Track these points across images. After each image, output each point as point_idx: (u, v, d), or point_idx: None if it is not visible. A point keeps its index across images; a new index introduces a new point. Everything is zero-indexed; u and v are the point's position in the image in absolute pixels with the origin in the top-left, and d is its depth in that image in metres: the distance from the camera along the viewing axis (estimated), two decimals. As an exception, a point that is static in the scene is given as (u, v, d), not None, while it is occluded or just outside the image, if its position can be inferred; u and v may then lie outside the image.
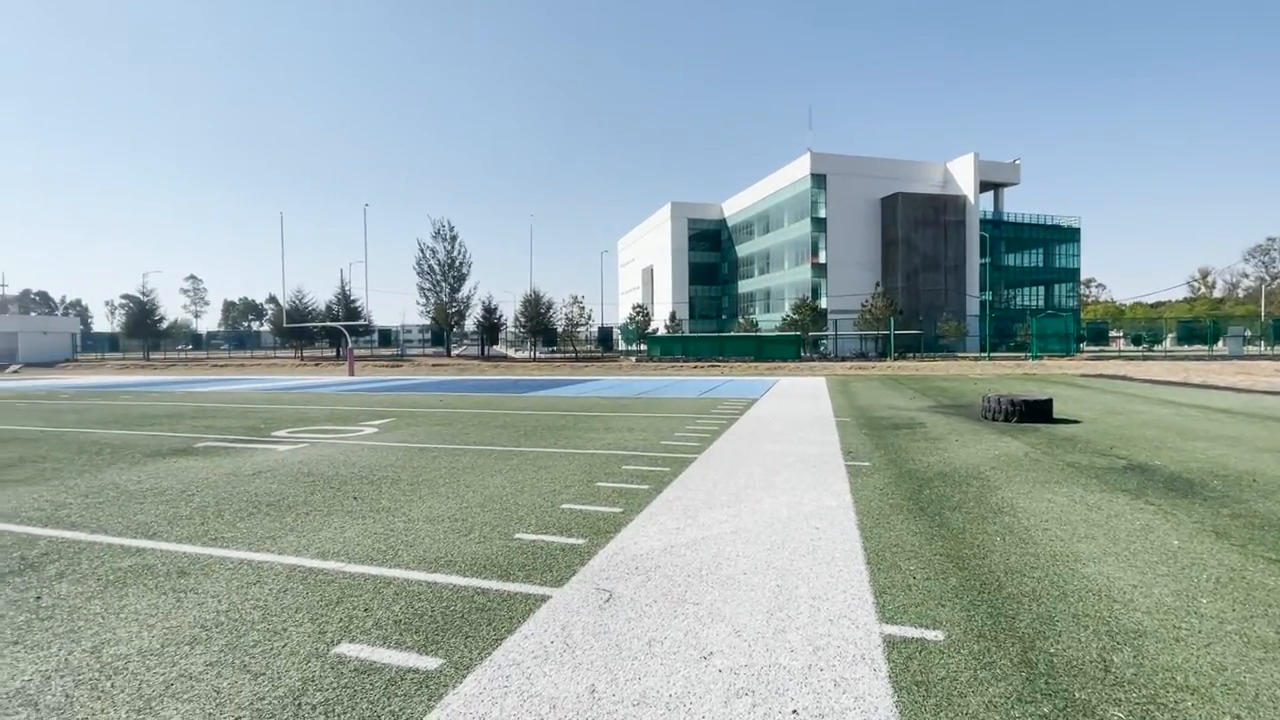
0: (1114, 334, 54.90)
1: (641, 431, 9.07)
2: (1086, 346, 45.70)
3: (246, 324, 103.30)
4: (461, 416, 11.50)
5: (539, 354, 46.89)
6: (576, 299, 45.41)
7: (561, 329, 45.64)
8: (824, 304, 48.05)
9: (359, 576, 3.42)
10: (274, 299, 71.74)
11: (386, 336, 55.21)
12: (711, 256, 68.25)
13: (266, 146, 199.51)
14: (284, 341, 49.58)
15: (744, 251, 63.00)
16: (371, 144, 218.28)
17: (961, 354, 41.88)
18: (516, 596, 3.12)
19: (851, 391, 16.44)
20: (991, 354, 38.41)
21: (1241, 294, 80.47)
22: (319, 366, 39.44)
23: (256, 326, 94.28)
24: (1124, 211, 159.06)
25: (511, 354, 50.59)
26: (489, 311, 46.40)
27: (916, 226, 49.70)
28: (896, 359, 36.58)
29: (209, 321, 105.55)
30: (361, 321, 45.64)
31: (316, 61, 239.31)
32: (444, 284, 45.55)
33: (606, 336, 49.59)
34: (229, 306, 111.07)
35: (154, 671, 2.43)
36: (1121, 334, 54.98)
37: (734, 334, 44.34)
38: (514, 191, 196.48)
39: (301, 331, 45.88)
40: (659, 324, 49.62)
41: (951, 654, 2.52)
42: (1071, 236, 54.73)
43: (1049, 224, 54.42)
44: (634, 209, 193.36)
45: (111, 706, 2.20)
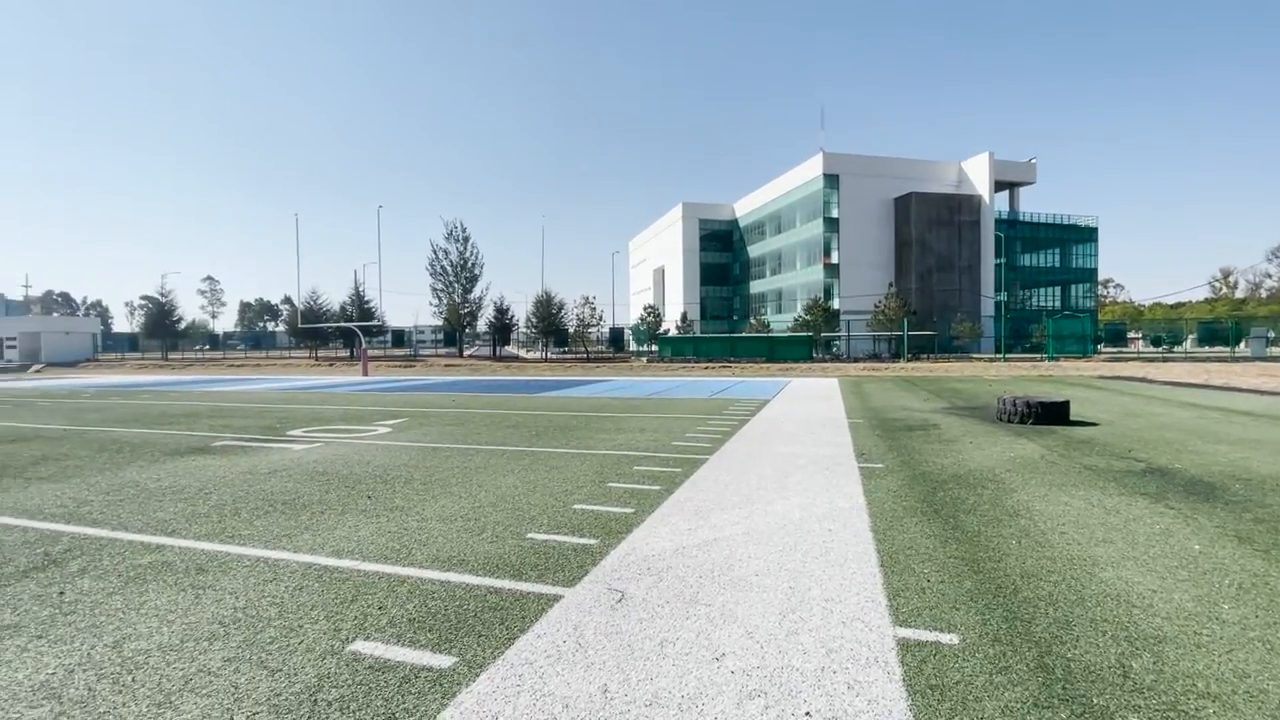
0: (1132, 335, 54.08)
1: (653, 432, 9.07)
2: (1104, 348, 45.03)
3: (262, 324, 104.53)
4: (474, 417, 11.57)
5: (550, 354, 47.02)
6: (588, 299, 45.55)
7: (573, 329, 45.74)
8: (836, 305, 47.76)
9: (373, 575, 3.45)
10: (289, 300, 72.58)
11: (400, 337, 55.65)
12: (723, 257, 68.09)
13: (278, 149, 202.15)
14: (299, 342, 50.12)
15: (755, 252, 62.79)
16: (381, 147, 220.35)
17: (976, 355, 41.44)
18: (529, 596, 3.14)
19: (864, 393, 16.33)
20: (1007, 355, 37.96)
21: (1264, 294, 78.92)
22: (333, 367, 39.84)
23: (272, 327, 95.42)
24: (1143, 211, 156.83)
25: (523, 354, 50.77)
26: (501, 312, 46.59)
27: (930, 226, 49.27)
28: (910, 360, 36.29)
29: (225, 322, 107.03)
30: (375, 322, 46.03)
31: (327, 65, 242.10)
32: (456, 285, 45.81)
33: (618, 337, 49.63)
34: (245, 307, 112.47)
35: (173, 667, 2.47)
36: (1140, 335, 54.18)
37: (745, 335, 44.19)
38: (523, 193, 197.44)
39: (316, 332, 46.35)
40: (670, 325, 49.60)
41: (966, 658, 2.50)
42: (1089, 236, 53.98)
43: (1065, 223, 53.71)
44: (645, 210, 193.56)
45: (133, 700, 2.24)
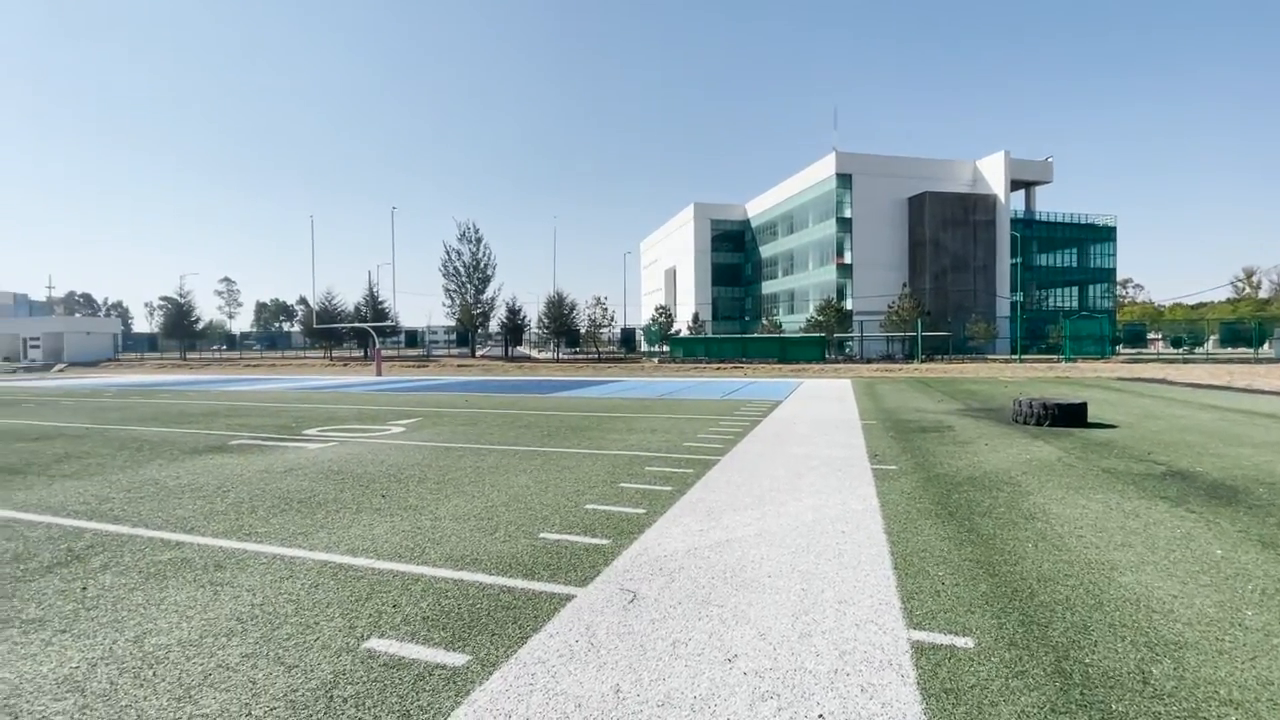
0: (1152, 336, 53.24)
1: (664, 433, 9.07)
2: (1123, 349, 44.38)
3: (278, 325, 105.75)
4: (486, 416, 11.63)
5: (562, 355, 47.16)
6: (599, 300, 45.62)
7: (584, 330, 45.83)
8: (849, 305, 47.47)
9: (388, 573, 3.48)
10: (304, 300, 73.37)
11: (413, 337, 56.10)
12: (735, 257, 67.91)
13: (291, 152, 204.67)
14: (314, 342, 50.69)
15: (768, 252, 62.55)
16: (390, 149, 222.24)
17: (991, 356, 40.98)
18: (542, 595, 3.15)
19: (877, 394, 16.21)
20: (1023, 356, 37.49)
21: (1289, 294, 77.27)
22: (347, 367, 40.22)
23: (287, 327, 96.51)
24: (1164, 211, 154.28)
25: (535, 355, 50.95)
26: (513, 313, 46.82)
27: (945, 226, 48.81)
28: (924, 361, 35.96)
29: (242, 322, 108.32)
30: (389, 323, 46.42)
31: (335, 66, 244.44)
32: (469, 285, 46.09)
33: (629, 338, 49.68)
34: (261, 308, 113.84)
35: (193, 661, 2.51)
36: (1160, 336, 53.29)
37: (757, 335, 44.05)
38: (532, 195, 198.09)
39: (331, 332, 46.85)
40: (682, 325, 49.54)
41: (982, 662, 2.47)
42: (1107, 235, 53.18)
43: (1083, 223, 52.96)
44: (657, 211, 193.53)
45: (154, 694, 2.28)
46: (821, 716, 2.11)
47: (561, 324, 45.81)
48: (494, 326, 48.05)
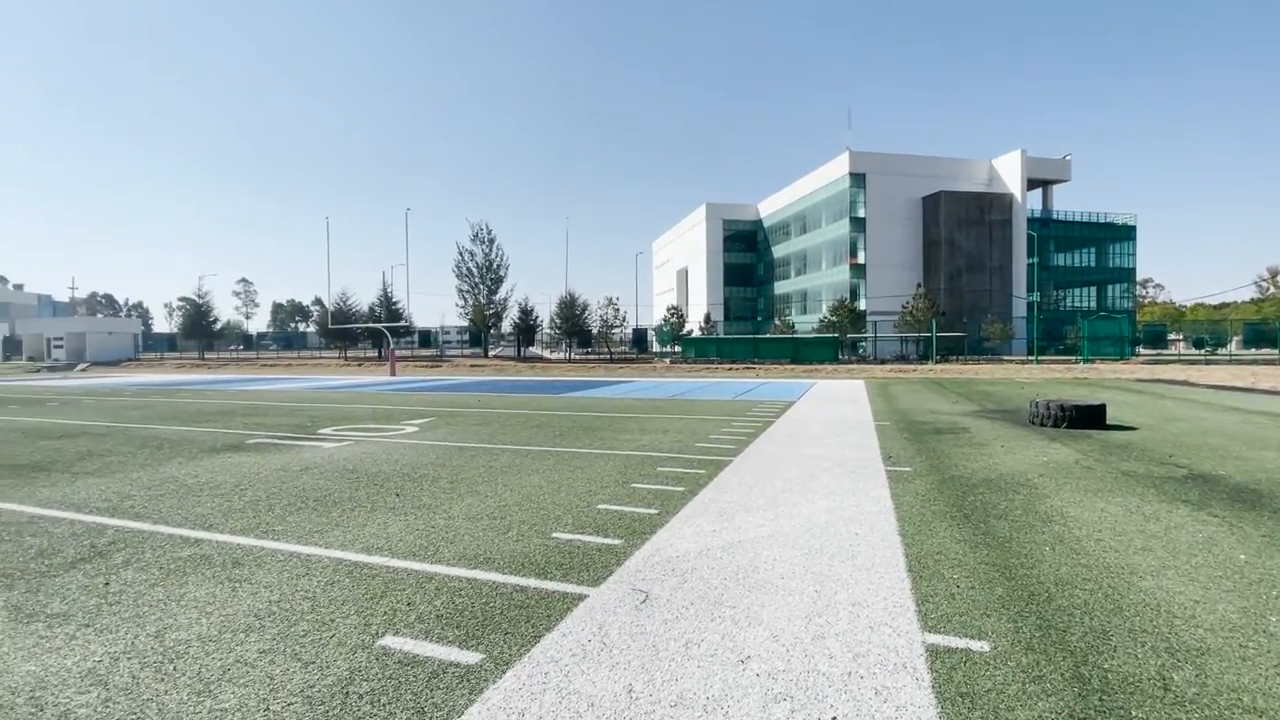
0: (1173, 337, 52.24)
1: (676, 433, 9.06)
2: (1143, 350, 43.61)
3: (293, 325, 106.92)
4: (499, 416, 11.69)
5: (574, 355, 47.25)
6: (611, 300, 45.63)
7: (596, 330, 45.89)
8: (863, 305, 47.12)
9: (402, 571, 3.51)
10: (319, 301, 74.22)
11: (426, 337, 56.46)
12: (747, 257, 67.66)
13: (306, 155, 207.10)
14: (329, 342, 51.20)
15: (780, 252, 62.27)
16: (401, 150, 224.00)
17: (1007, 357, 40.47)
18: (554, 595, 3.16)
19: (891, 395, 16.08)
20: (1039, 357, 36.99)
21: (1315, 294, 75.59)
22: (362, 366, 40.60)
23: (303, 328, 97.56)
24: (1186, 209, 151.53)
25: (547, 355, 51.13)
26: (525, 313, 47.01)
27: (960, 225, 48.30)
28: (938, 362, 35.60)
29: (258, 323, 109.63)
30: (402, 323, 46.78)
31: (345, 69, 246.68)
32: (482, 286, 46.34)
33: (641, 338, 49.66)
34: (277, 308, 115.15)
35: (212, 657, 2.55)
36: (1182, 337, 52.28)
37: (770, 336, 43.84)
38: (545, 195, 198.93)
39: (345, 333, 47.29)
40: (693, 325, 49.45)
41: (998, 666, 2.45)
42: (1126, 235, 52.33)
43: (1102, 222, 52.15)
44: (668, 211, 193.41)
45: (174, 689, 2.32)
46: (835, 719, 2.10)
47: (573, 324, 45.92)
48: (507, 327, 48.27)
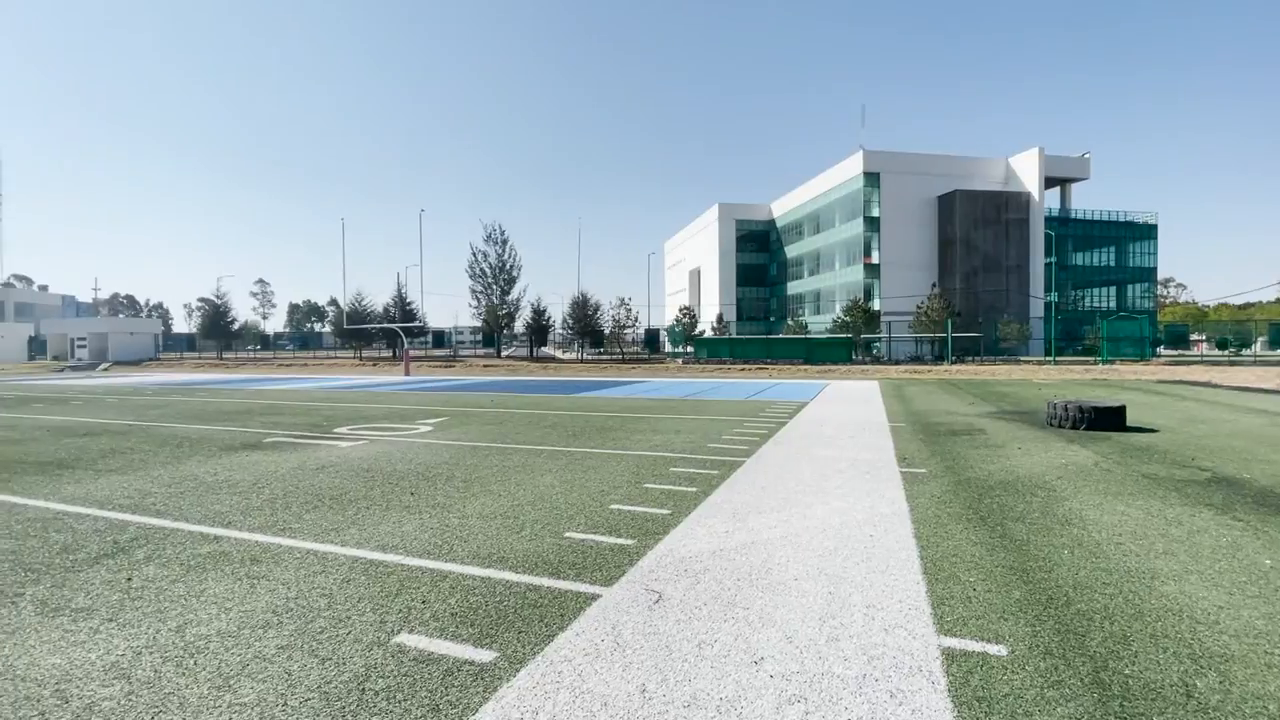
0: (1195, 337, 51.30)
1: (689, 434, 9.05)
2: (1164, 350, 42.85)
3: (309, 325, 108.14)
4: (512, 416, 11.74)
5: (586, 355, 47.35)
6: (623, 301, 45.68)
7: (608, 331, 45.97)
8: (877, 306, 46.75)
9: (417, 569, 3.54)
10: (335, 302, 75.06)
11: (440, 338, 56.84)
12: (759, 258, 67.41)
13: (325, 157, 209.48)
14: (344, 342, 51.75)
15: (793, 253, 61.97)
16: (412, 152, 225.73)
17: (1024, 358, 39.96)
18: (567, 594, 3.17)
19: (906, 396, 15.94)
20: (1057, 358, 36.47)
21: (1343, 294, 73.71)
22: (376, 366, 40.98)
23: (319, 328, 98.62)
24: (1210, 209, 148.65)
25: (559, 355, 51.29)
26: (538, 313, 47.20)
27: (976, 225, 47.77)
28: (954, 363, 35.23)
29: (275, 323, 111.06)
30: (416, 323, 47.16)
31: (356, 69, 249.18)
32: (495, 287, 46.61)
33: (653, 338, 49.65)
34: (294, 309, 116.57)
35: (231, 652, 2.59)
36: (1204, 338, 51.32)
37: (782, 336, 43.63)
38: (557, 196, 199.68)
39: (360, 333, 47.77)
40: (706, 326, 49.36)
41: (1016, 670, 2.42)
42: (1147, 234, 51.46)
43: (1122, 221, 51.33)
44: (680, 212, 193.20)
45: (194, 682, 2.35)
46: (850, 722, 2.08)
47: (586, 325, 46.01)
48: (519, 327, 48.50)
